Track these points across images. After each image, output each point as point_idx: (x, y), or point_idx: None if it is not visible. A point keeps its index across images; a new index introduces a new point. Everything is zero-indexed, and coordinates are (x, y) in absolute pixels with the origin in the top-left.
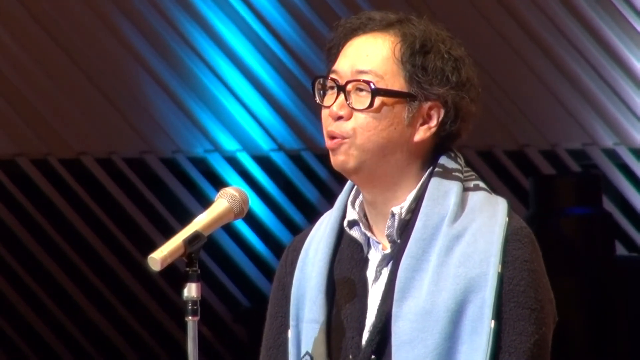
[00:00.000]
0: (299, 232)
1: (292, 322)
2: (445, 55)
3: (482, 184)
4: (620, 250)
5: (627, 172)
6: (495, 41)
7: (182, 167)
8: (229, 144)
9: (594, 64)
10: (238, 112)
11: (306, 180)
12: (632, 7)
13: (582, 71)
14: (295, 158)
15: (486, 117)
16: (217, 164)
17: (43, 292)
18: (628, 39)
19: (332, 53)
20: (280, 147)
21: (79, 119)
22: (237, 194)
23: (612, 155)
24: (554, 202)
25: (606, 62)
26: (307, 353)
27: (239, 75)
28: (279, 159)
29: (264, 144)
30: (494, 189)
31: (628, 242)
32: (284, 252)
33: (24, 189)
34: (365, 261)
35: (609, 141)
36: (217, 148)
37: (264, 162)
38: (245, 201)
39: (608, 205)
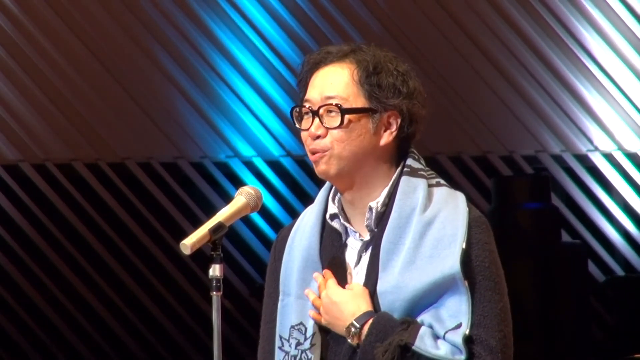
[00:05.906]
0: None
1: (280, 297)
2: (394, 72)
3: (442, 181)
4: (565, 237)
5: (571, 174)
6: (463, 68)
7: (208, 170)
8: (246, 151)
9: (544, 84)
10: (253, 124)
11: (309, 180)
12: (575, 38)
13: (534, 90)
14: (300, 162)
15: (456, 129)
16: (237, 167)
17: (95, 273)
18: (572, 64)
19: (301, 85)
20: (288, 154)
21: (123, 129)
22: (252, 192)
23: (559, 160)
24: (512, 199)
25: (554, 83)
26: (300, 323)
27: (253, 93)
28: (287, 163)
29: (275, 151)
30: (462, 188)
31: (571, 231)
32: (274, 242)
33: (79, 188)
34: (344, 247)
35: (556, 148)
36: (236, 154)
37: (275, 166)
38: (259, 198)
39: (555, 201)
